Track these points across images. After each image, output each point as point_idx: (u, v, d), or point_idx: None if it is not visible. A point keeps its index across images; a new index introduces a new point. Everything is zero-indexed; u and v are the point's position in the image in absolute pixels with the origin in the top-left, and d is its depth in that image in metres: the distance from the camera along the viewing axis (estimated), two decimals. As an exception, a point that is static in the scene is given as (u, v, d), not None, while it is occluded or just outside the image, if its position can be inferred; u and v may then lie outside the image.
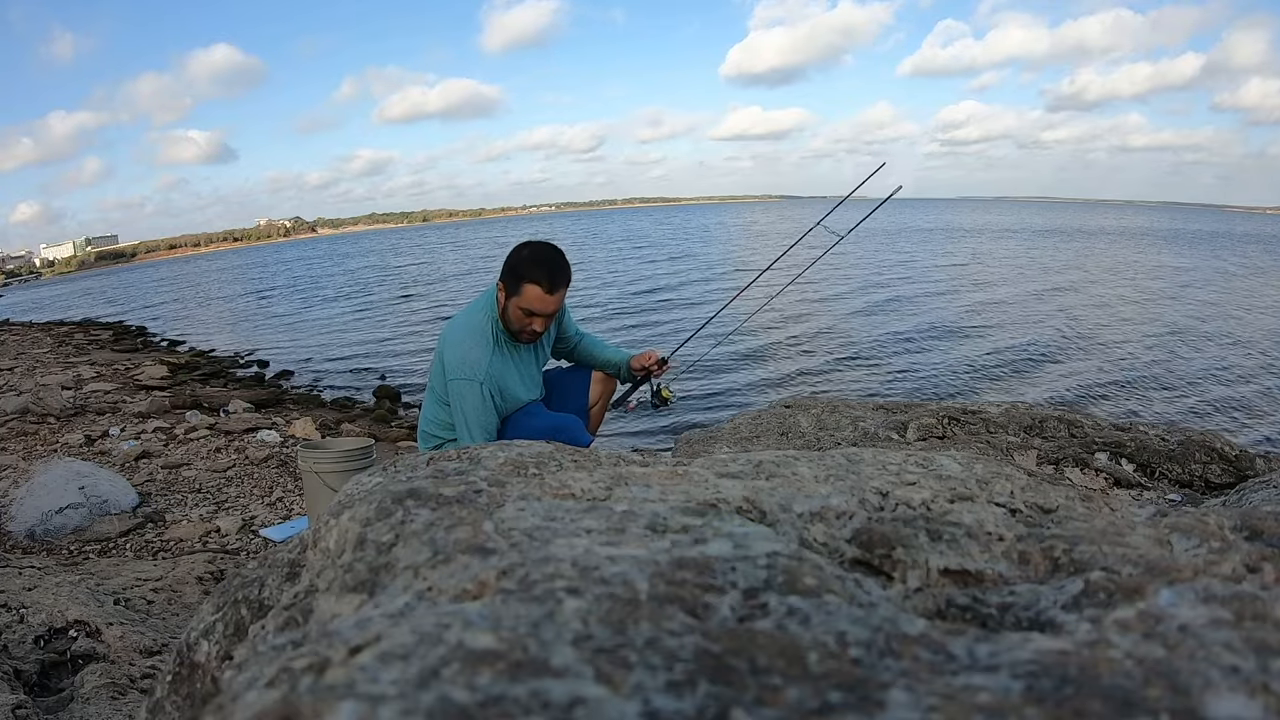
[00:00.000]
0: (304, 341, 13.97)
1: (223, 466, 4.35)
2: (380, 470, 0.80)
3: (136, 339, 15.45)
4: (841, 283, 18.10)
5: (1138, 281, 18.67)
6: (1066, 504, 0.75)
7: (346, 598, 0.53)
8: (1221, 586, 0.47)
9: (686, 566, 0.49)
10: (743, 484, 0.71)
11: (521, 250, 2.07)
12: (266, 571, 0.73)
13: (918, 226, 50.88)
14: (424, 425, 2.32)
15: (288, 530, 3.35)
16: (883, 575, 0.55)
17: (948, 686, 0.36)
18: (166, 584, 2.55)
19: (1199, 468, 2.29)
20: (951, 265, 22.41)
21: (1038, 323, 12.55)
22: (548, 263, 2.04)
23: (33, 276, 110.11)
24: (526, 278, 2.02)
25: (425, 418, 2.31)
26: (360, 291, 23.12)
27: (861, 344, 11.06)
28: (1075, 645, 0.40)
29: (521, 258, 2.05)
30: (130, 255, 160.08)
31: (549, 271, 2.03)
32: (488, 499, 0.65)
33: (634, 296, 16.66)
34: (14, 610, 2.01)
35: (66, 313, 23.72)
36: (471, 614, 0.42)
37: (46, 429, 5.44)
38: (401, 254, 45.68)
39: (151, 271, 59.26)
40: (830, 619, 0.43)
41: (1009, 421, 2.71)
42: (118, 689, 1.65)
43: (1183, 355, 10.03)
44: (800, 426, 2.90)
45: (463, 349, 2.09)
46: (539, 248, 2.09)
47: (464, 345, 2.09)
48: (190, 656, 0.71)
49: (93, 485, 3.46)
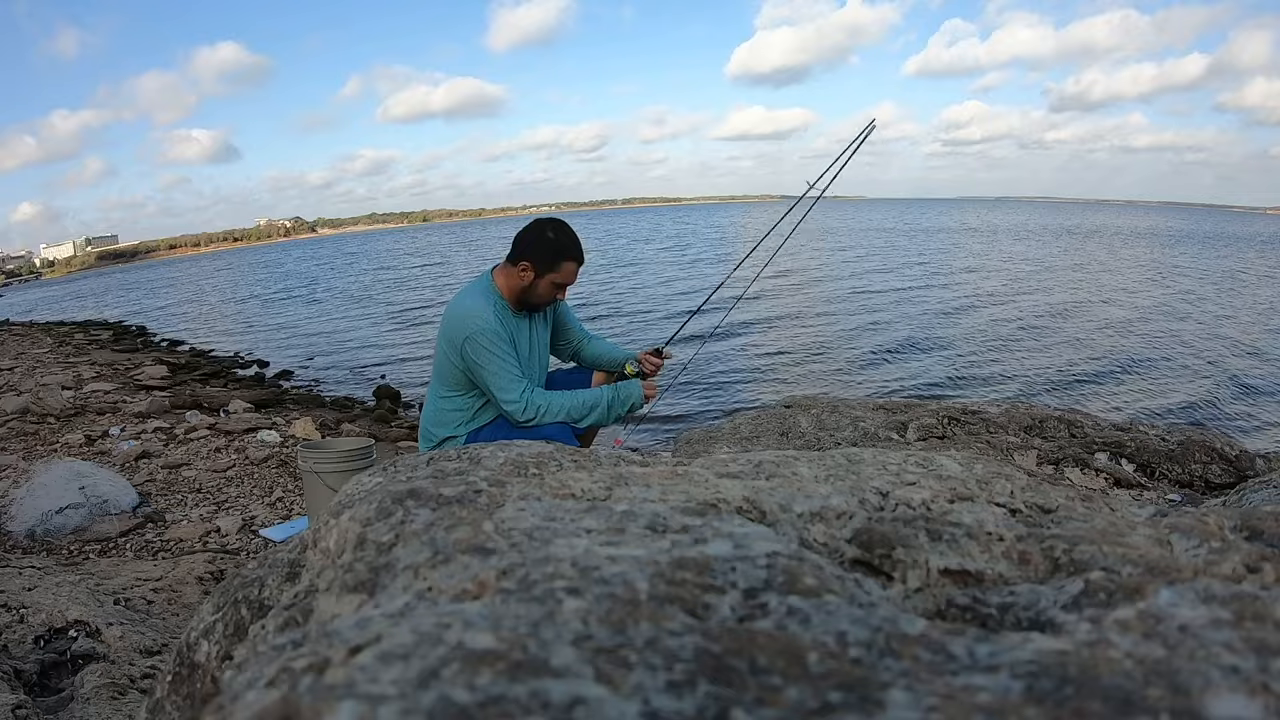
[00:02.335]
0: (304, 341, 13.98)
1: (223, 466, 4.35)
2: (380, 470, 0.80)
3: (136, 339, 15.45)
4: (842, 283, 18.11)
5: (1139, 281, 18.67)
6: (1066, 504, 0.75)
7: (346, 598, 0.53)
8: (1221, 586, 0.47)
9: (686, 566, 0.49)
10: (743, 484, 0.71)
11: (545, 231, 2.19)
12: (266, 571, 0.73)
13: (920, 226, 50.88)
14: (425, 424, 2.32)
15: (288, 530, 3.35)
16: (883, 575, 0.55)
17: (948, 686, 0.36)
18: (166, 584, 2.55)
19: (1199, 468, 2.30)
20: (952, 265, 22.42)
21: (1040, 322, 12.55)
22: (574, 239, 2.22)
23: (33, 276, 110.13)
24: (564, 255, 2.17)
25: (426, 416, 2.31)
26: (361, 292, 23.13)
27: (862, 344, 11.05)
28: (1075, 645, 0.40)
29: (550, 238, 2.18)
30: (130, 255, 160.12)
31: (578, 248, 2.22)
32: (488, 499, 0.65)
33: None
34: (14, 610, 2.01)
35: (67, 313, 23.73)
36: (471, 614, 0.42)
37: (46, 429, 5.44)
38: (417, 255, 45.15)
39: (151, 272, 59.24)
40: (830, 619, 0.43)
41: (1009, 421, 2.71)
42: (118, 689, 1.65)
43: (1184, 354, 10.03)
44: (800, 426, 2.90)
45: (464, 308, 2.15)
46: (560, 226, 2.23)
47: (465, 305, 2.16)
48: (190, 656, 0.71)
49: (93, 485, 3.46)
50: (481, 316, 2.11)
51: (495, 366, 2.11)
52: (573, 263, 2.19)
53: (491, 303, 2.17)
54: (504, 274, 2.21)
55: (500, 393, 2.13)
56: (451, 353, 2.15)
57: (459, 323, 2.13)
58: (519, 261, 2.17)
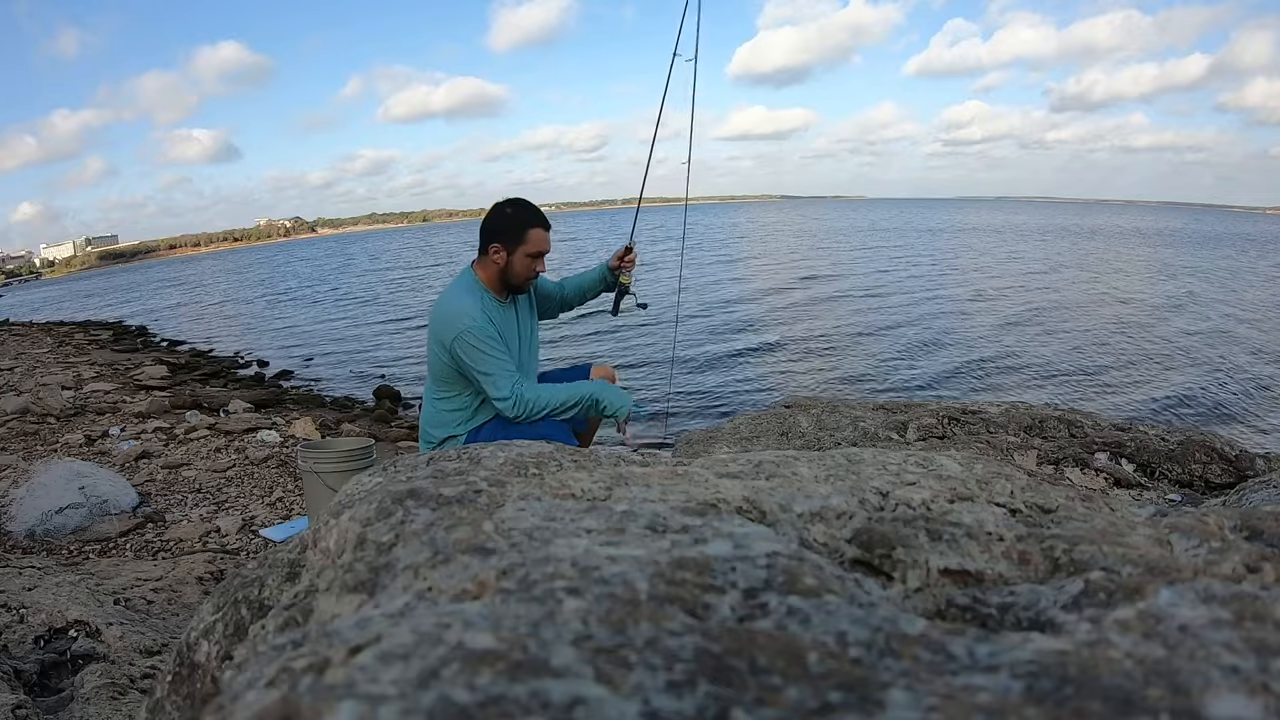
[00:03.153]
0: (304, 341, 13.98)
1: (223, 466, 4.35)
2: (380, 470, 0.80)
3: (136, 339, 15.46)
4: (841, 282, 18.10)
5: (1139, 281, 18.67)
6: (1066, 504, 0.75)
7: (346, 598, 0.53)
8: (1221, 586, 0.47)
9: (686, 566, 0.49)
10: (743, 484, 0.71)
11: (503, 210, 2.26)
12: (266, 571, 0.73)
13: (922, 226, 50.86)
14: (424, 425, 2.32)
15: (288, 530, 3.35)
16: (883, 575, 0.55)
17: (948, 686, 0.36)
18: (166, 584, 2.55)
19: (1199, 468, 2.30)
20: (952, 264, 22.41)
21: (1040, 322, 12.55)
22: (534, 208, 2.27)
23: (33, 277, 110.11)
24: (528, 224, 2.21)
25: (425, 418, 2.31)
26: (362, 292, 23.12)
27: (862, 344, 11.05)
28: (1075, 645, 0.40)
29: (509, 214, 2.23)
30: (130, 255, 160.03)
31: (540, 214, 2.26)
32: (488, 499, 0.65)
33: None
34: (14, 610, 2.01)
35: (67, 313, 23.71)
36: (471, 614, 0.42)
37: (46, 429, 5.44)
38: (417, 255, 44.69)
39: (152, 272, 59.19)
40: (830, 619, 0.43)
41: (1009, 421, 2.71)
42: (118, 689, 1.65)
43: (1185, 354, 10.03)
44: (800, 426, 2.90)
45: (452, 307, 2.17)
46: (517, 202, 2.28)
47: (452, 304, 2.18)
48: (190, 656, 0.71)
49: (93, 485, 3.46)
50: (469, 314, 2.13)
51: (486, 364, 2.12)
52: (538, 229, 2.23)
53: (477, 297, 2.20)
54: (481, 266, 2.25)
55: (492, 390, 2.14)
56: (442, 353, 2.16)
57: (447, 322, 2.14)
58: (489, 246, 2.22)
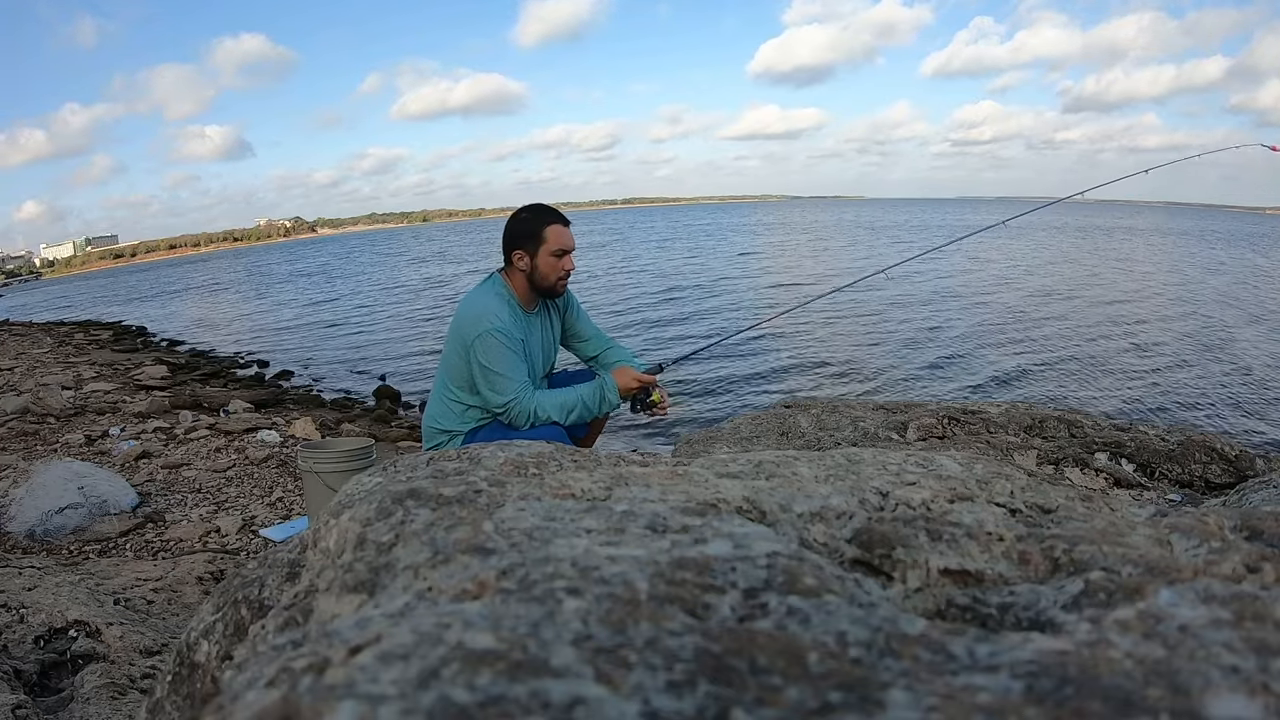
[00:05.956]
0: (304, 341, 13.97)
1: (223, 466, 4.35)
2: (380, 470, 0.80)
3: (136, 339, 15.45)
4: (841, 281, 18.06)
5: (1138, 280, 18.67)
6: (1066, 504, 0.75)
7: (346, 598, 0.53)
8: (1221, 586, 0.47)
9: (686, 566, 0.49)
10: (743, 484, 0.71)
11: (519, 215, 2.28)
12: (266, 571, 0.73)
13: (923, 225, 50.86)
14: (428, 421, 2.32)
15: (288, 530, 3.34)
16: (883, 575, 0.55)
17: (948, 686, 0.36)
18: (166, 584, 2.55)
19: (1199, 468, 2.29)
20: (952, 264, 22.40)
21: (1040, 321, 12.55)
22: (550, 208, 2.30)
23: (33, 277, 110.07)
24: (545, 223, 2.23)
25: (430, 413, 2.31)
26: (362, 291, 23.13)
27: (862, 344, 11.05)
28: (1075, 645, 0.40)
29: (525, 218, 2.25)
30: (130, 255, 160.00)
31: (557, 213, 2.29)
32: (488, 499, 0.65)
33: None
34: (14, 610, 2.01)
35: (66, 314, 23.72)
36: (471, 614, 0.42)
37: (46, 429, 5.44)
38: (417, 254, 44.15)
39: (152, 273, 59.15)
40: (830, 619, 0.43)
41: (1009, 421, 2.71)
42: (118, 689, 1.65)
43: (1185, 354, 10.03)
44: (800, 426, 2.90)
45: (479, 307, 2.18)
46: (531, 206, 2.30)
47: (479, 304, 2.19)
48: (190, 656, 0.71)
49: (92, 485, 3.46)
50: (497, 316, 2.14)
51: (500, 367, 2.12)
52: (557, 224, 2.24)
53: (505, 302, 2.21)
54: (508, 275, 2.27)
55: (495, 395, 2.14)
56: (462, 350, 2.16)
57: (473, 321, 2.14)
58: (512, 254, 2.23)
